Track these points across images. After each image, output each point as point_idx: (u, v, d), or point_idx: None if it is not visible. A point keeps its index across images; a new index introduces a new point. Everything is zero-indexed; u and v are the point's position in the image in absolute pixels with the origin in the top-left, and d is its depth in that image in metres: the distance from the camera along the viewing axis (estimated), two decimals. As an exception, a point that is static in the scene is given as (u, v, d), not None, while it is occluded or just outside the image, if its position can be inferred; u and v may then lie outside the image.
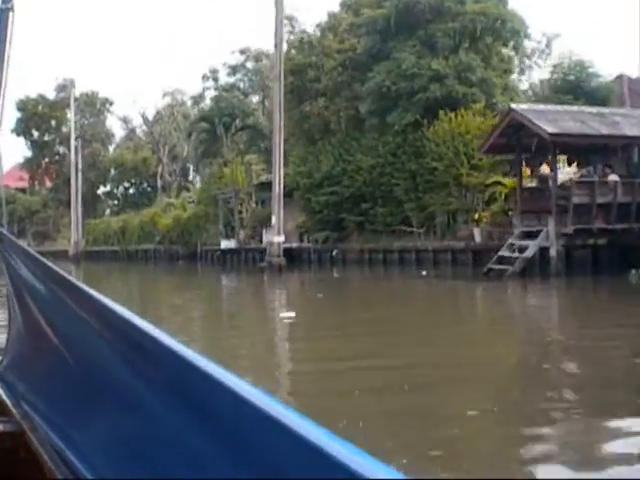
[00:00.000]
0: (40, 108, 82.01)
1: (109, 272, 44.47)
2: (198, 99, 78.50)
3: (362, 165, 32.46)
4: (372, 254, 32.43)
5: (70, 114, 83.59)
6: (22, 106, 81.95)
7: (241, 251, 39.30)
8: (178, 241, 50.94)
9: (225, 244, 39.55)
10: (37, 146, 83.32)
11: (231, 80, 47.61)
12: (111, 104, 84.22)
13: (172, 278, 33.21)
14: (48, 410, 1.70)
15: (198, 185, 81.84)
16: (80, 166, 60.63)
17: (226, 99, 44.58)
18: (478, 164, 28.29)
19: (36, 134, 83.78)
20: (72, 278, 1.60)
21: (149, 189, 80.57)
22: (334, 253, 34.22)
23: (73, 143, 59.48)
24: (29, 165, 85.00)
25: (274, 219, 27.23)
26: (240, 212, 42.90)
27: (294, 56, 33.47)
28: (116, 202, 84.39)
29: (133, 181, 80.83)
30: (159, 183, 76.05)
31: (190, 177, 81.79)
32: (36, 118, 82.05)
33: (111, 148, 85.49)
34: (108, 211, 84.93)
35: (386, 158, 31.40)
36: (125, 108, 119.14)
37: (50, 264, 1.81)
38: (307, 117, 34.12)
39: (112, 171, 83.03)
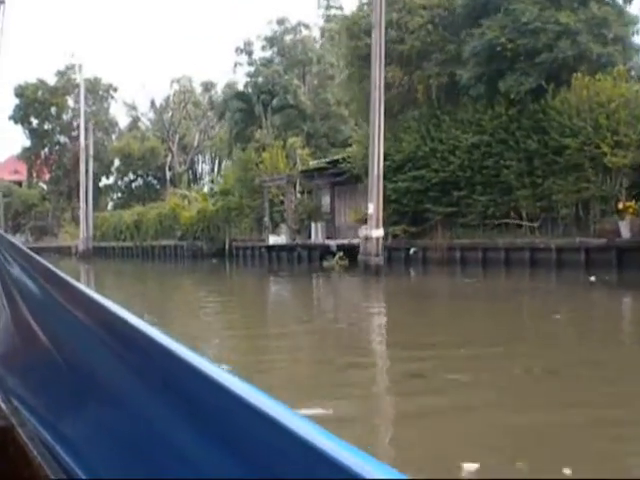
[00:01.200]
0: (40, 94, 75.32)
1: (127, 272, 38.15)
2: (209, 86, 72.39)
3: (459, 144, 26.19)
4: (465, 252, 26.30)
5: (73, 99, 77.21)
6: (20, 92, 75.29)
7: (294, 248, 32.90)
8: (203, 236, 44.66)
9: (274, 240, 33.17)
10: (36, 135, 76.59)
11: (267, 54, 40.97)
12: (115, 90, 77.65)
13: (228, 285, 26.86)
14: (38, 405, 1.68)
15: (208, 177, 75.83)
16: (91, 152, 54.04)
17: (264, 74, 37.91)
18: (623, 140, 22.22)
19: (35, 122, 77.02)
20: (61, 272, 1.54)
21: (155, 181, 74.05)
22: (412, 251, 28.01)
23: (83, 125, 52.97)
24: (27, 155, 78.25)
25: (371, 208, 20.95)
26: (282, 203, 36.70)
27: (369, 12, 27.09)
28: (119, 195, 77.59)
29: (139, 172, 74.08)
30: (167, 175, 69.79)
31: (199, 169, 75.50)
32: (35, 105, 75.39)
33: (114, 137, 78.78)
34: (111, 205, 78.48)
35: (494, 135, 25.09)
36: (130, 96, 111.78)
37: (38, 258, 1.75)
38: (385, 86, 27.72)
39: (116, 162, 76.70)
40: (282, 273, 29.34)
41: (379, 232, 21.02)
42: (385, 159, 27.39)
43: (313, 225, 33.94)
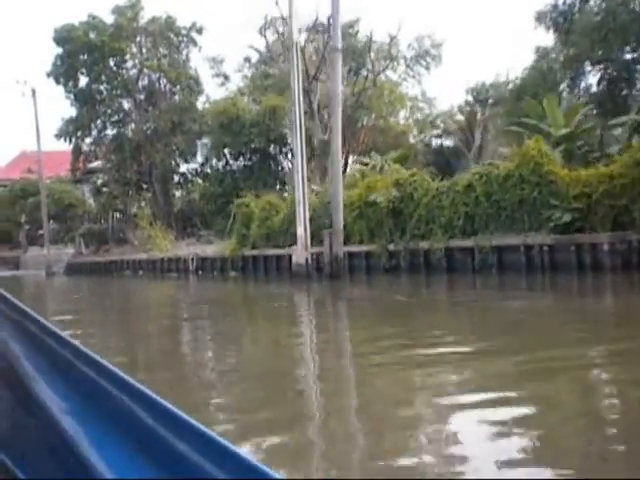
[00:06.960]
0: (93, 37, 47.67)
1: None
2: (318, 27, 45.10)
3: None
4: None
5: (138, 48, 49.89)
6: (65, 35, 47.49)
7: None
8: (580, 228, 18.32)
9: None
10: (86, 99, 48.80)
11: None
12: (200, 32, 50.10)
13: None
14: None
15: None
16: (341, 56, 27.05)
17: None
18: None
19: (85, 80, 49.31)
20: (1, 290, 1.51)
21: (257, 159, 46.29)
22: None
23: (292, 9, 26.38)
24: (72, 130, 50.35)
25: None
26: None
27: None
28: (204, 182, 50.11)
29: (244, 149, 46.05)
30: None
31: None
32: (86, 54, 47.65)
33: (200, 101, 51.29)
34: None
35: None
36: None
37: None
38: None
39: (204, 139, 49.65)
40: None
41: None
42: None
43: None
